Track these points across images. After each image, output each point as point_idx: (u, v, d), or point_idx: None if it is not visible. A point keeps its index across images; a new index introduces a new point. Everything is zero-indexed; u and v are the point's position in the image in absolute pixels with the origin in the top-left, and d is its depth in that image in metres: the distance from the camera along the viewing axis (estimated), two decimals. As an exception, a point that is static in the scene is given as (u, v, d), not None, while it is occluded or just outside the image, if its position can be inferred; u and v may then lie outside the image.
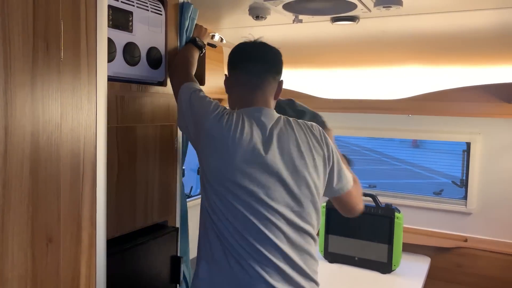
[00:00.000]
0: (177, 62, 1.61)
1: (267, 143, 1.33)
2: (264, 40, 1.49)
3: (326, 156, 1.40)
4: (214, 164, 1.34)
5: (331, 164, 1.42)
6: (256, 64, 1.43)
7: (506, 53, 1.15)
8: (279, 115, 1.43)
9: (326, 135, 1.45)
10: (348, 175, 1.49)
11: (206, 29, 1.78)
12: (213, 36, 1.94)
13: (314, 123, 1.46)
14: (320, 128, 1.46)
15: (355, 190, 1.51)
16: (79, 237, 1.04)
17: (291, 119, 1.43)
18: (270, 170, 1.31)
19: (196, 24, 1.74)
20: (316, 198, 1.37)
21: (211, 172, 1.35)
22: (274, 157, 1.32)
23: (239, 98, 1.46)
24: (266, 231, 1.28)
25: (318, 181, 1.38)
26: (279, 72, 1.48)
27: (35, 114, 0.92)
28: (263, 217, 1.28)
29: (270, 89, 1.45)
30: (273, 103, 1.48)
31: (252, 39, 1.48)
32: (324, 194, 1.45)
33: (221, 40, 2.23)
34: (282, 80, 1.49)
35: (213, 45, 1.93)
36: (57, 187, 0.98)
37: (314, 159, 1.37)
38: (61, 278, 1.00)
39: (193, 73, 1.61)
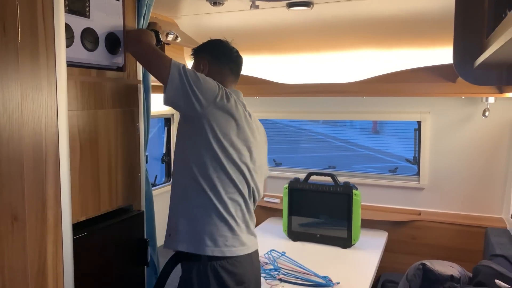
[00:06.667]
0: (149, 41, 1.63)
1: None
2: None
3: None
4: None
5: None
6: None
7: (449, 35, 1.25)
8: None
9: None
10: None
11: (160, 26, 1.80)
12: (167, 34, 1.93)
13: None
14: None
15: None
16: (45, 216, 1.06)
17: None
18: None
19: (150, 23, 1.75)
20: None
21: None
22: None
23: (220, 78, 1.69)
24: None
25: None
26: None
27: (-6, 94, 0.94)
28: None
29: None
30: None
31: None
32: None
33: (176, 38, 2.19)
34: None
35: (166, 43, 1.93)
36: (20, 166, 0.99)
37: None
38: (28, 256, 1.02)
39: None
